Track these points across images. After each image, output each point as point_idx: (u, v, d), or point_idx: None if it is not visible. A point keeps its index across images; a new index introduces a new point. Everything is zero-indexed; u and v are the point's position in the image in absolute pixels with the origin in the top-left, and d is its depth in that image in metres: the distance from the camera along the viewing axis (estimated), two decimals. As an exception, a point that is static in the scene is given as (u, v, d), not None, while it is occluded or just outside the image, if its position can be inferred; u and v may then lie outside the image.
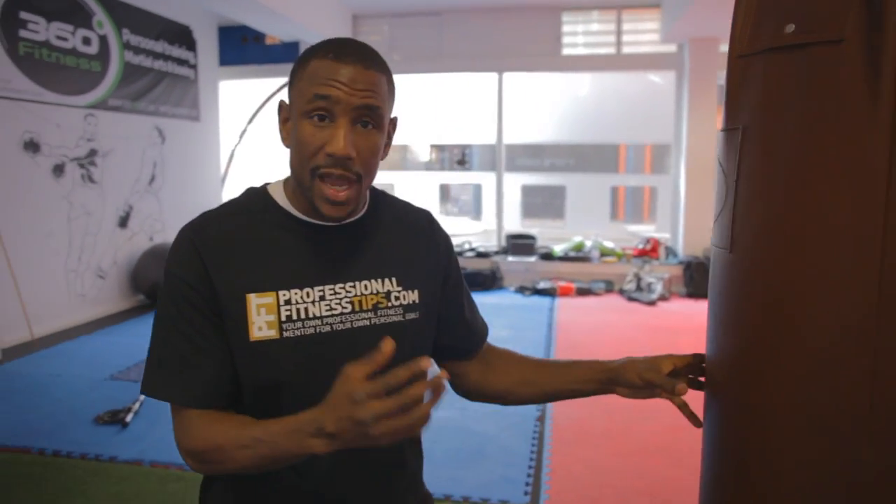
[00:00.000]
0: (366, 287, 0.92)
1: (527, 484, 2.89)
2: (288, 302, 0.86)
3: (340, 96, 0.81)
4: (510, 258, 7.67)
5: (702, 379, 0.98)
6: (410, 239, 1.00)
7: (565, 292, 7.04)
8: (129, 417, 3.44)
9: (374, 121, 0.85)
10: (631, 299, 6.78)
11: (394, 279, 0.95)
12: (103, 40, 5.92)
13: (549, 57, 7.60)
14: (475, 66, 7.82)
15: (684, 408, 0.99)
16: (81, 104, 5.68)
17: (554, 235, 8.18)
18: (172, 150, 6.85)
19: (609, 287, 7.21)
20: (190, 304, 0.84)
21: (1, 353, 4.77)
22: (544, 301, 6.82)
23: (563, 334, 5.47)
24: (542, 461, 3.12)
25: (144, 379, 0.87)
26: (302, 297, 0.86)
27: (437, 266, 1.02)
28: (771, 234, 0.73)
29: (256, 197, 0.92)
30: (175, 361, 0.84)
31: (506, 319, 5.99)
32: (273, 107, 8.45)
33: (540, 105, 8.20)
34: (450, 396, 3.43)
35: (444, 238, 1.06)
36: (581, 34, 7.72)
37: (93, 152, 5.82)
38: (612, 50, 7.53)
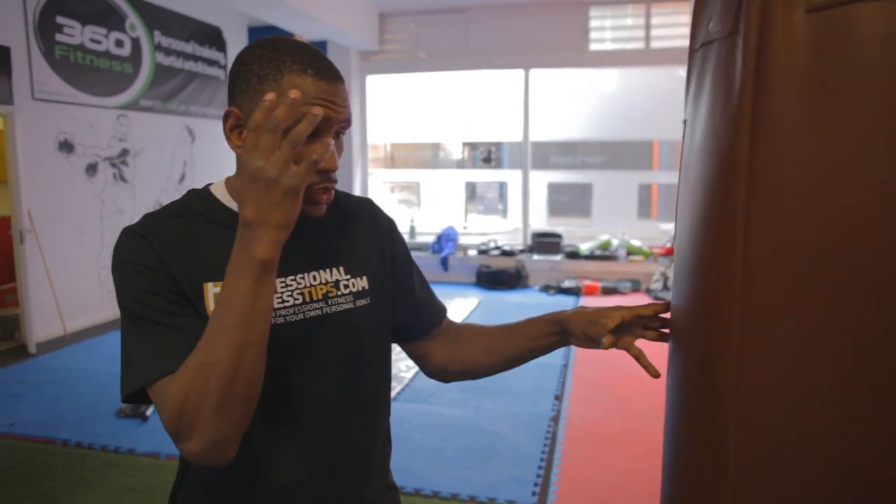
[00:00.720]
0: (314, 278, 0.93)
1: (535, 484, 2.87)
2: None
3: (331, 115, 0.82)
4: (535, 257, 7.61)
5: (664, 331, 0.98)
6: (354, 227, 1.01)
7: (590, 291, 6.96)
8: (149, 411, 3.54)
9: (345, 129, 0.88)
10: (657, 299, 6.65)
11: (341, 268, 0.96)
12: (135, 42, 6.08)
13: (576, 53, 7.52)
14: (502, 62, 7.78)
15: (641, 358, 0.99)
16: (114, 105, 5.84)
17: (580, 234, 8.08)
18: (202, 150, 7.00)
19: (635, 286, 7.11)
20: (147, 290, 0.82)
21: (35, 347, 4.96)
22: (569, 300, 6.76)
23: (585, 334, 5.41)
24: (553, 462, 3.10)
25: (121, 383, 0.82)
26: None
27: (382, 250, 1.04)
28: (690, 225, 0.79)
29: (200, 197, 0.93)
30: (143, 352, 0.81)
31: (528, 318, 5.96)
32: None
33: (570, 101, 8.11)
34: (462, 395, 3.42)
35: (387, 221, 1.08)
36: (609, 29, 7.62)
37: (125, 152, 5.99)
38: (640, 45, 7.41)
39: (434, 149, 9.41)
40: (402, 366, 4.41)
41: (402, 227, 8.29)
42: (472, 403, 3.83)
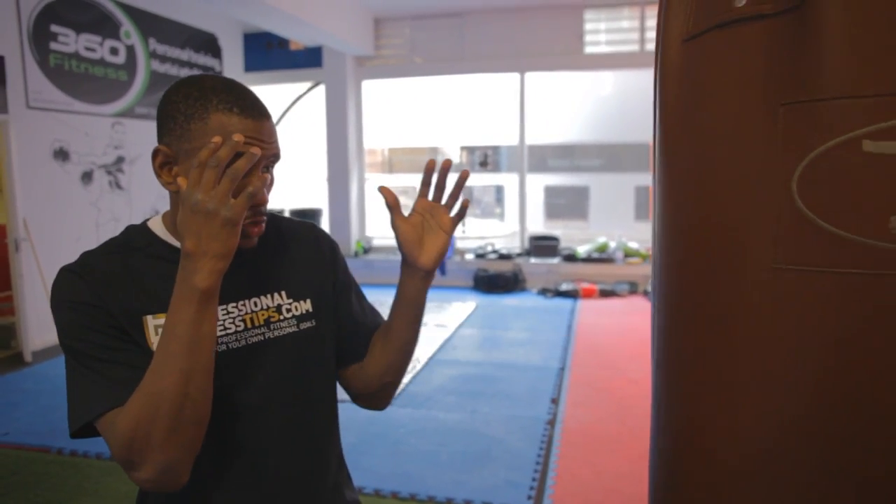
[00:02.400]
0: (255, 304, 0.94)
1: (531, 488, 2.87)
2: None
3: (259, 150, 0.83)
4: (533, 260, 7.61)
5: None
6: (295, 250, 1.02)
7: (588, 294, 6.96)
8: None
9: (274, 163, 0.89)
10: (655, 301, 6.65)
11: (283, 292, 0.97)
12: (130, 50, 6.09)
13: (571, 56, 7.53)
14: (497, 66, 7.79)
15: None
16: (109, 113, 5.85)
17: (578, 236, 8.08)
18: (198, 156, 6.99)
19: (633, 288, 7.10)
20: (86, 327, 0.83)
21: (31, 355, 4.95)
22: (566, 303, 6.75)
23: (582, 337, 5.41)
24: (549, 465, 3.09)
25: (68, 419, 0.82)
26: None
27: (324, 272, 1.04)
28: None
29: (137, 233, 0.93)
30: (88, 387, 0.81)
31: (525, 322, 5.96)
32: (297, 112, 8.56)
33: (566, 104, 8.12)
34: (458, 400, 3.41)
35: (329, 243, 1.08)
36: (604, 32, 7.63)
37: (120, 159, 5.99)
38: (635, 47, 7.42)
39: (431, 153, 9.43)
40: (399, 370, 4.40)
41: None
42: (468, 407, 3.83)
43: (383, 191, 0.96)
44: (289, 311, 0.96)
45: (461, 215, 0.99)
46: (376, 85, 8.34)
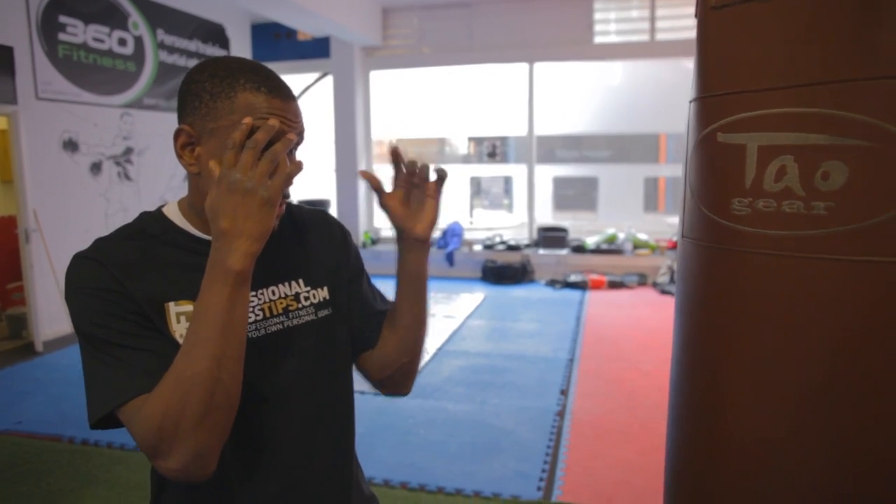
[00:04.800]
0: (273, 293, 0.93)
1: (541, 479, 2.86)
2: None
3: (286, 130, 0.82)
4: (541, 251, 7.58)
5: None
6: (310, 239, 1.01)
7: (597, 286, 6.93)
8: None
9: (299, 145, 0.88)
10: (664, 292, 6.62)
11: (300, 280, 0.96)
12: (138, 41, 6.08)
13: (580, 46, 7.46)
14: (505, 56, 7.73)
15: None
16: (117, 104, 5.85)
17: (586, 228, 8.04)
18: (207, 147, 6.99)
19: (642, 280, 7.07)
20: (106, 313, 0.80)
21: (42, 345, 4.98)
22: (575, 294, 6.73)
23: (591, 328, 5.39)
24: (559, 457, 3.08)
25: (88, 409, 0.80)
26: None
27: (338, 258, 1.03)
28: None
29: (152, 220, 0.91)
30: (110, 374, 0.79)
31: (534, 313, 5.94)
32: (305, 102, 8.54)
33: (575, 95, 8.06)
34: (468, 391, 3.41)
35: (340, 229, 1.07)
36: (613, 21, 7.55)
37: (129, 150, 6.00)
38: (645, 37, 7.34)
39: (439, 144, 9.40)
40: (408, 361, 4.40)
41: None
42: (478, 399, 3.82)
43: (365, 175, 0.95)
44: (307, 299, 0.95)
45: (441, 178, 0.97)
46: (384, 75, 8.30)
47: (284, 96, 0.83)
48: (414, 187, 0.97)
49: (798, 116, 0.65)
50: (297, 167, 0.79)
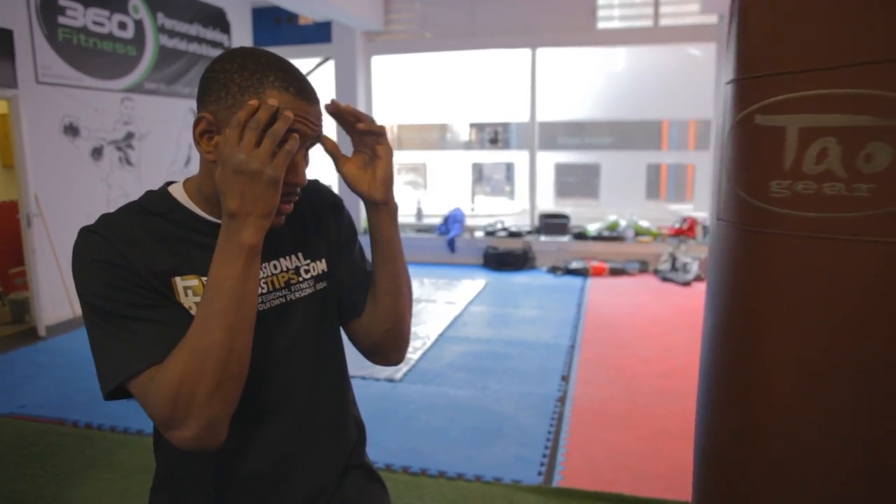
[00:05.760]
0: (275, 267, 0.95)
1: (541, 465, 2.88)
2: None
3: (307, 132, 0.85)
4: (543, 238, 7.58)
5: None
6: (305, 212, 1.01)
7: (598, 272, 6.93)
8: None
9: (314, 144, 0.90)
10: (665, 280, 6.63)
11: (300, 254, 0.98)
12: (138, 25, 6.04)
13: (583, 31, 7.40)
14: (508, 42, 7.68)
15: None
16: (118, 88, 5.82)
17: (588, 214, 8.03)
18: (208, 133, 6.97)
19: (643, 267, 7.07)
20: (115, 286, 0.81)
21: (45, 329, 5.00)
22: (576, 281, 6.73)
23: (592, 315, 5.40)
24: (559, 442, 3.10)
25: (100, 381, 0.80)
26: None
27: (330, 228, 1.04)
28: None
29: (158, 199, 0.91)
30: (121, 346, 0.79)
31: (535, 300, 5.95)
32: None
33: (578, 81, 8.01)
34: (469, 376, 3.41)
35: (331, 197, 1.08)
36: (617, 7, 7.49)
37: (130, 135, 5.98)
38: (649, 23, 7.28)
39: (441, 130, 9.36)
40: (409, 347, 4.41)
41: (409, 209, 8.27)
42: (479, 384, 3.84)
43: (323, 139, 0.93)
44: (307, 272, 0.97)
45: (374, 131, 0.93)
46: (386, 61, 8.25)
47: (310, 99, 0.85)
48: (366, 148, 0.95)
49: (842, 98, 0.64)
50: (294, 141, 0.80)
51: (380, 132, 0.93)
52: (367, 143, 0.95)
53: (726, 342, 0.81)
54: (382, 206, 0.96)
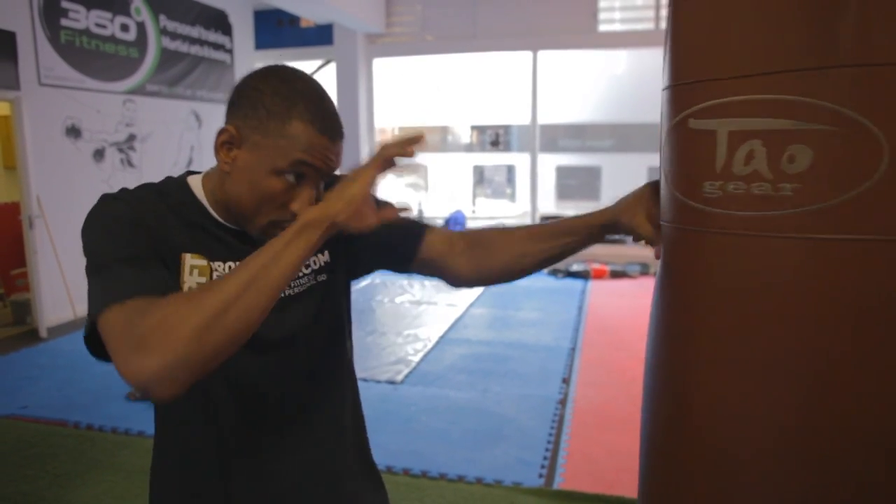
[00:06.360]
0: None
1: (542, 467, 2.88)
2: (217, 272, 0.88)
3: (322, 168, 0.85)
4: (544, 240, 7.57)
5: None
6: None
7: (599, 275, 6.93)
8: (159, 394, 3.57)
9: (328, 178, 0.89)
10: (667, 282, 6.63)
11: None
12: (141, 27, 6.05)
13: (585, 34, 7.42)
14: (509, 45, 7.69)
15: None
16: (120, 90, 5.84)
17: (589, 217, 8.03)
18: (209, 135, 6.98)
19: (644, 270, 7.07)
20: (124, 239, 0.80)
21: (46, 331, 5.00)
22: (577, 284, 6.74)
23: (593, 318, 5.40)
24: (560, 444, 3.10)
25: (91, 309, 0.75)
26: (227, 270, 0.89)
27: None
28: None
29: (176, 187, 0.92)
30: (117, 279, 0.76)
31: (536, 302, 5.95)
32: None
33: (579, 84, 8.03)
34: (470, 378, 3.39)
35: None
36: (618, 10, 7.51)
37: (132, 137, 6.00)
38: (650, 25, 7.30)
39: (442, 132, 9.38)
40: (410, 349, 4.42)
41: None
42: (480, 386, 3.84)
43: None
44: (307, 265, 0.96)
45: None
46: (387, 63, 8.27)
47: (332, 135, 0.85)
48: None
49: (765, 103, 0.69)
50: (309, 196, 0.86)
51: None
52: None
53: (666, 337, 0.84)
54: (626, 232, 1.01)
